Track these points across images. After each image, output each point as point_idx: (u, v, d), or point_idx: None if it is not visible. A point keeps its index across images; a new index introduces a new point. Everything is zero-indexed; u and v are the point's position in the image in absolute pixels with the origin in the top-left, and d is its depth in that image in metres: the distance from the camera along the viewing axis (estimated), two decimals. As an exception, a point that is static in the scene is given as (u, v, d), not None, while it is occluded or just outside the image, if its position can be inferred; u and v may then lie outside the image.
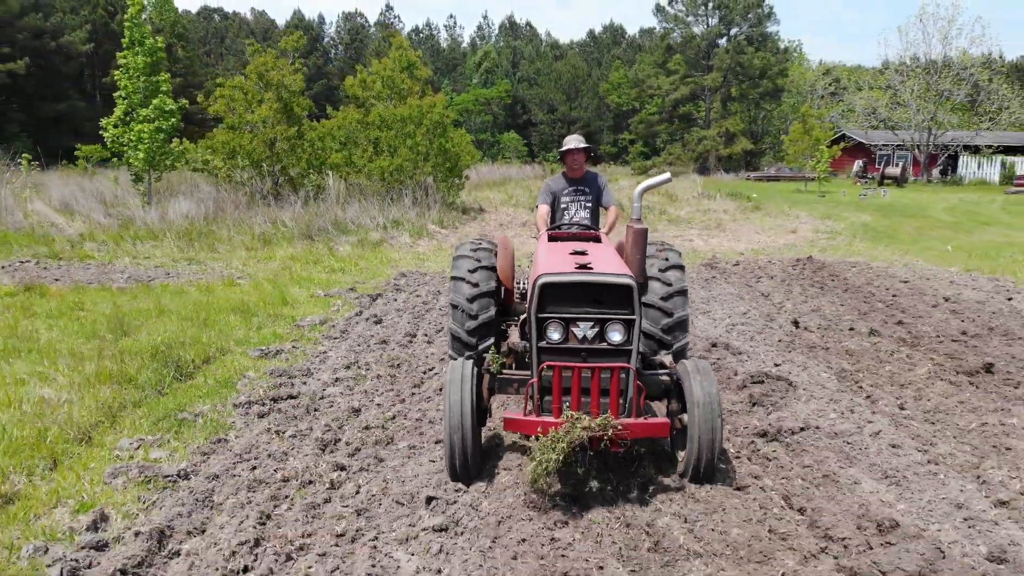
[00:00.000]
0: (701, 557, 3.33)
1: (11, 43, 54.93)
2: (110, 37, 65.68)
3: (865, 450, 4.51)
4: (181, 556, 3.38)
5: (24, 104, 56.14)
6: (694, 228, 18.23)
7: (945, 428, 4.93)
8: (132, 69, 18.76)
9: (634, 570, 3.22)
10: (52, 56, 57.72)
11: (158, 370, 5.74)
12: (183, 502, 3.81)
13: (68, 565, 3.22)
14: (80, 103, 59.94)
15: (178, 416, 4.97)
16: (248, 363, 6.25)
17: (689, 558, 3.32)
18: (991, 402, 5.43)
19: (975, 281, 10.66)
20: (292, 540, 3.47)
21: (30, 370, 5.83)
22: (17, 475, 4.06)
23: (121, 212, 17.05)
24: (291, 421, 4.98)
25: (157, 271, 11.29)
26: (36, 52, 55.84)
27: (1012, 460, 4.41)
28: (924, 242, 15.43)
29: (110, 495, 3.88)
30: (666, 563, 3.29)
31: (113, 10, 68.51)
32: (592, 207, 5.69)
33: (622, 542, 3.42)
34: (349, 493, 3.96)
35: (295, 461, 4.32)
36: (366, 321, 7.97)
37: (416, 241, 15.15)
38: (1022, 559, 3.33)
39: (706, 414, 3.85)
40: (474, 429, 3.98)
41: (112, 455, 4.37)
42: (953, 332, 7.49)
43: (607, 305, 3.99)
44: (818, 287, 10.04)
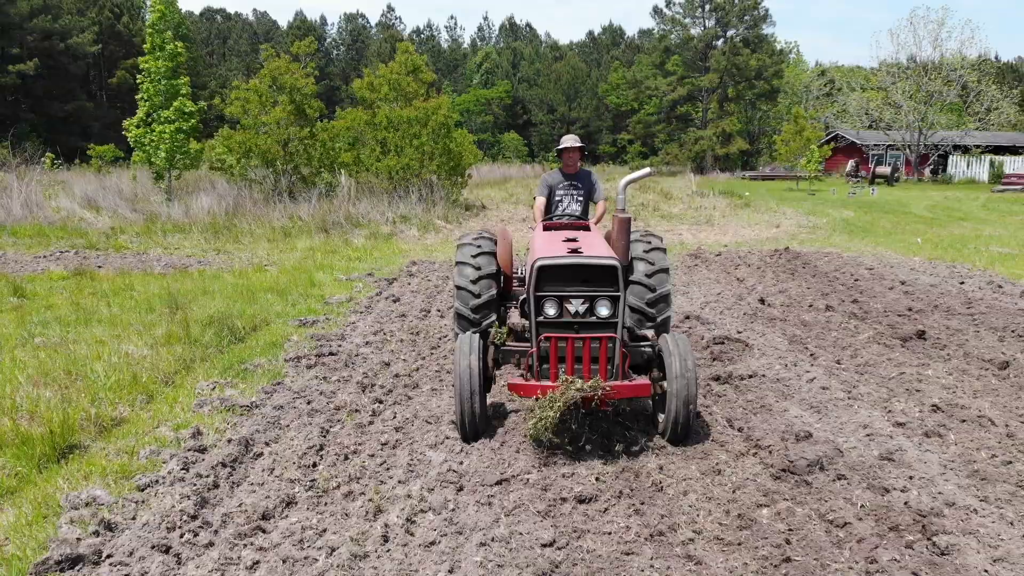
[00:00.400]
0: (658, 456, 4.40)
1: (21, 44, 55.95)
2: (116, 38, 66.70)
3: (799, 390, 5.59)
4: (264, 456, 4.45)
5: (33, 104, 57.12)
6: (684, 223, 19.30)
7: (870, 377, 6.01)
8: (153, 73, 19.80)
9: (622, 489, 4.30)
10: (60, 57, 58.65)
11: (216, 334, 6.82)
12: (258, 423, 4.88)
13: (180, 461, 4.29)
14: (88, 103, 61.01)
15: (240, 367, 6.06)
16: (290, 330, 7.34)
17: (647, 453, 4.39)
18: (915, 359, 6.51)
19: (934, 268, 11.74)
20: (347, 446, 4.55)
21: (107, 334, 6.91)
22: (123, 405, 5.14)
23: (145, 208, 18.12)
24: (333, 371, 6.06)
25: (189, 260, 12.37)
26: (45, 53, 56.78)
27: (918, 398, 5.49)
28: (898, 235, 16.50)
29: (200, 418, 4.96)
30: (629, 456, 4.36)
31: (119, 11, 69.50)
32: (584, 201, 6.32)
33: (602, 467, 4.34)
34: (388, 417, 5.04)
35: (342, 396, 5.40)
36: (386, 300, 9.06)
37: (424, 235, 16.23)
38: (904, 459, 4.40)
39: (683, 383, 4.34)
40: (481, 394, 4.47)
41: (194, 393, 5.45)
42: (900, 308, 8.57)
43: (595, 284, 4.58)
44: (789, 273, 11.13)
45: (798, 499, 3.85)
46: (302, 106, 21.05)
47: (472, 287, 5.54)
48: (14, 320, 7.53)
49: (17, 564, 3.25)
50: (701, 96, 61.59)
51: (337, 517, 3.69)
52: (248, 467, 4.29)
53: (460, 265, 5.69)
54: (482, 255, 5.69)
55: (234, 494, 3.94)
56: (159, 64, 19.72)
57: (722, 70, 58.62)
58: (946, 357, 6.61)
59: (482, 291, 5.55)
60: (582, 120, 75.45)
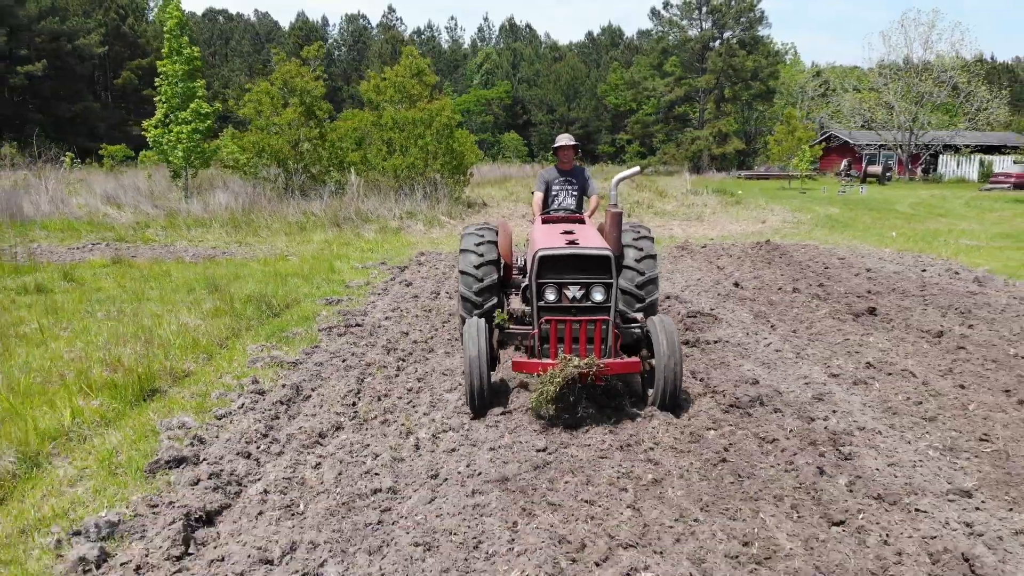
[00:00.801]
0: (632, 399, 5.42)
1: (29, 46, 56.92)
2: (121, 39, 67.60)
3: (755, 352, 6.61)
4: (312, 397, 5.47)
5: (41, 105, 58.07)
6: (676, 219, 20.31)
7: (818, 343, 7.03)
8: (171, 76, 20.80)
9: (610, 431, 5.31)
10: (68, 58, 59.55)
11: (256, 309, 7.84)
12: (303, 375, 5.90)
13: (245, 400, 5.30)
14: (95, 104, 61.97)
15: (281, 334, 7.08)
16: (319, 307, 8.36)
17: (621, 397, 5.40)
18: (861, 330, 7.52)
19: (901, 258, 12.75)
20: (379, 391, 5.57)
21: (160, 309, 7.92)
22: (189, 361, 6.15)
23: (165, 204, 19.13)
24: (361, 338, 7.08)
25: (214, 250, 13.38)
26: (53, 54, 57.67)
27: (856, 358, 6.50)
28: (876, 230, 17.52)
29: (255, 371, 5.98)
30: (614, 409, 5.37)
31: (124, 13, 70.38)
32: (578, 195, 6.73)
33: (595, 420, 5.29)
34: (411, 371, 6.06)
35: (370, 356, 6.42)
36: (399, 284, 10.07)
37: (429, 229, 17.24)
38: (832, 400, 5.41)
39: (669, 360, 4.79)
40: (488, 371, 4.89)
41: (246, 353, 6.47)
42: (860, 291, 9.58)
43: (590, 272, 5.05)
44: (766, 263, 12.14)
45: (740, 425, 4.87)
46: (312, 108, 22.06)
47: (476, 272, 6.01)
48: (74, 299, 8.54)
49: (133, 465, 4.26)
50: (698, 97, 62.62)
51: (377, 436, 4.71)
52: (301, 405, 5.30)
53: (464, 253, 6.15)
54: (485, 244, 6.17)
55: (293, 422, 4.96)
56: (176, 67, 20.72)
57: (718, 71, 59.63)
58: (889, 328, 7.63)
59: (484, 276, 6.01)
60: (581, 120, 76.39)
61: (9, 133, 51.57)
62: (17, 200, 17.32)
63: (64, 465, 4.24)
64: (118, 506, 3.72)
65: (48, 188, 18.39)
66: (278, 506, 3.76)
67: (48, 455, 4.35)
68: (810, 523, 3.61)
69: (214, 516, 3.68)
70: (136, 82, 67.48)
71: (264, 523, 3.59)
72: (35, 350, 6.33)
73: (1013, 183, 38.61)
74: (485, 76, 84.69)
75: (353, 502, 3.79)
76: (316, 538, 3.43)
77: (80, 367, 5.72)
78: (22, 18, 57.19)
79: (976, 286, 10.08)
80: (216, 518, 3.68)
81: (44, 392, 5.22)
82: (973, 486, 4.05)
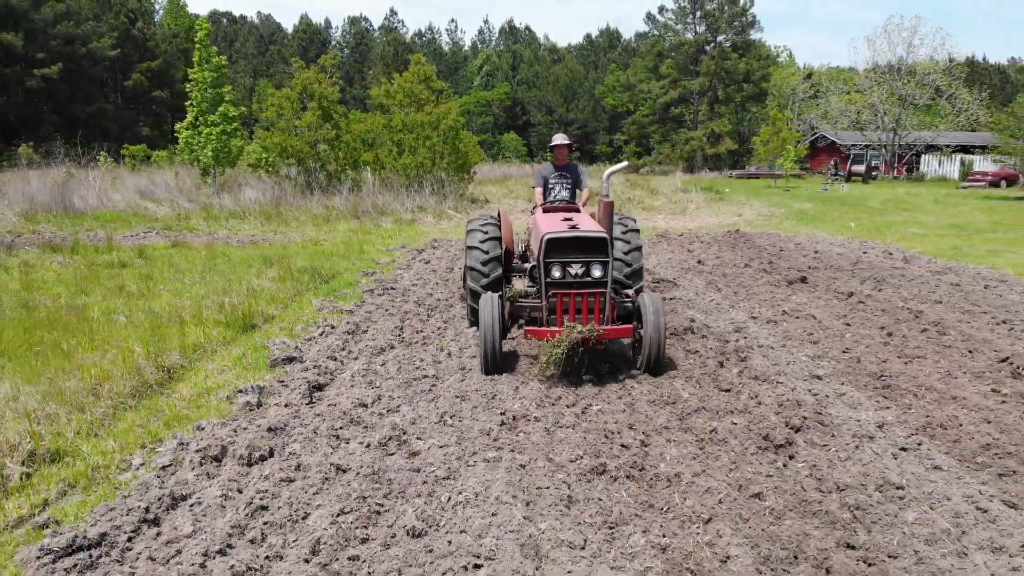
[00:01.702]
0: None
1: (45, 49, 58.84)
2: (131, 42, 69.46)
3: (699, 305, 8.63)
4: (369, 331, 7.47)
5: (56, 106, 59.96)
6: (662, 214, 22.32)
7: (751, 300, 9.04)
8: (200, 82, 22.80)
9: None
10: (82, 61, 61.42)
11: (311, 276, 9.86)
12: (359, 318, 7.91)
13: (324, 330, 7.30)
14: (109, 105, 63.96)
15: (335, 294, 9.10)
16: (358, 277, 10.37)
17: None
18: (789, 292, 9.53)
19: (850, 243, 14.74)
20: (417, 328, 7.58)
21: (233, 277, 9.89)
22: (272, 309, 8.15)
23: (198, 199, 21.13)
24: (396, 297, 9.09)
25: (254, 237, 15.38)
26: (67, 57, 59.51)
27: (775, 308, 8.50)
28: (841, 222, 19.52)
29: (324, 315, 7.99)
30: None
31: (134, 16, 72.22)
32: (572, 188, 7.59)
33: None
34: (437, 317, 8.08)
35: (406, 307, 8.44)
36: (419, 262, 12.09)
37: (438, 221, 19.24)
38: (747, 332, 7.40)
39: (655, 331, 5.68)
40: (500, 338, 5.75)
41: (312, 304, 8.48)
42: (802, 267, 11.58)
43: (590, 253, 5.81)
44: (731, 247, 14.15)
45: (673, 345, 6.87)
46: (329, 111, 24.06)
47: (483, 268, 6.78)
48: (157, 270, 10.54)
49: (258, 363, 6.24)
50: (692, 98, 64.66)
51: (420, 351, 6.72)
52: (361, 335, 7.32)
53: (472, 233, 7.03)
54: (489, 240, 6.95)
55: (360, 342, 6.98)
56: (205, 75, 22.73)
57: (712, 74, 61.71)
58: (812, 291, 9.64)
59: (490, 272, 6.79)
60: (580, 121, 78.26)
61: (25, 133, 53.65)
62: (69, 195, 19.31)
63: (209, 364, 6.25)
64: (259, 381, 5.73)
65: (95, 184, 20.38)
66: (362, 383, 5.77)
67: (195, 359, 6.35)
68: (706, 389, 5.62)
69: (323, 386, 5.70)
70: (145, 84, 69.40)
71: (356, 389, 5.59)
72: (148, 302, 8.32)
73: (989, 181, 40.59)
74: (485, 78, 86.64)
75: (410, 383, 5.80)
76: (392, 395, 5.45)
77: (193, 311, 7.72)
78: (38, 22, 59.04)
79: (903, 263, 12.09)
80: (324, 387, 5.69)
81: (171, 326, 7.22)
82: (824, 374, 6.06)
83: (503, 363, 5.95)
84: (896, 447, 4.52)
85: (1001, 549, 3.40)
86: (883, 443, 4.57)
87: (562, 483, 3.95)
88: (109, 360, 5.77)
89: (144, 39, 70.54)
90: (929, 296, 9.22)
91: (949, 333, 7.31)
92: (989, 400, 5.39)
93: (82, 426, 4.64)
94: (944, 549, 3.39)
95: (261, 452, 4.30)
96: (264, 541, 3.40)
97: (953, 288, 9.75)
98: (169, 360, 5.87)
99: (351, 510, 3.65)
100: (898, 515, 3.68)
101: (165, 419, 4.88)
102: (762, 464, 4.27)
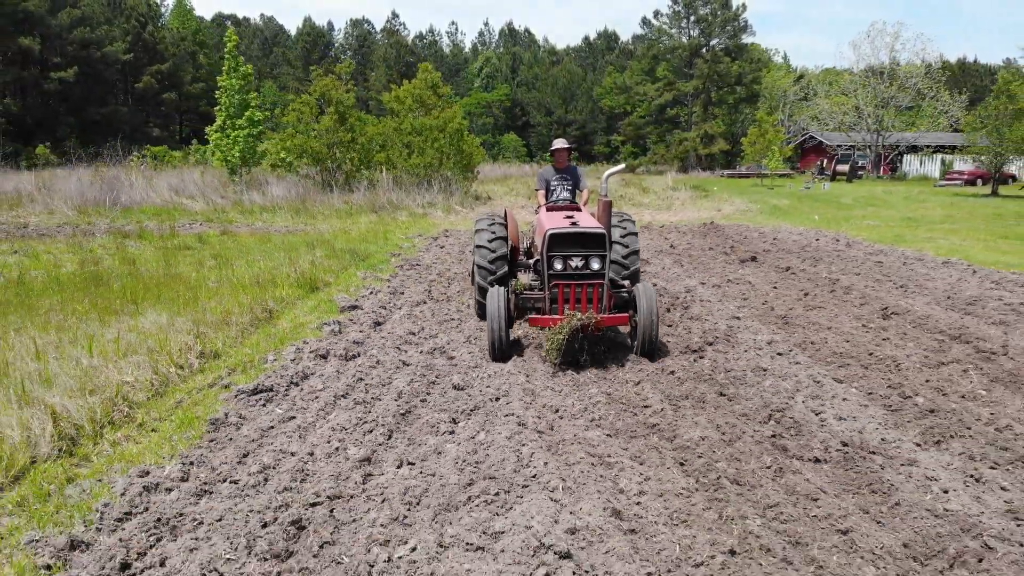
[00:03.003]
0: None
1: (62, 54, 60.97)
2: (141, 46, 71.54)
3: (662, 276, 10.87)
4: (405, 292, 9.71)
5: (72, 108, 62.04)
6: (649, 209, 24.55)
7: (705, 272, 11.27)
8: (228, 89, 25.02)
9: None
10: (96, 65, 63.52)
11: (351, 255, 12.07)
12: (396, 284, 10.15)
13: (371, 291, 9.53)
14: (123, 107, 66.14)
15: (373, 268, 11.33)
16: (387, 257, 12.61)
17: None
18: (739, 267, 11.75)
19: (808, 232, 16.95)
20: (442, 291, 9.82)
21: (314, 256, 12.10)
22: (327, 277, 10.37)
23: (228, 195, 23.35)
24: (421, 271, 11.33)
25: (287, 227, 17.60)
26: (83, 61, 61.60)
27: (723, 278, 10.71)
28: (808, 216, 21.74)
29: (369, 282, 10.22)
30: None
31: (144, 21, 74.23)
32: (572, 189, 8.06)
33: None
34: (455, 285, 10.31)
35: (431, 277, 10.67)
36: (435, 247, 14.33)
37: (447, 215, 21.47)
38: (695, 292, 9.61)
39: (648, 317, 6.17)
40: (506, 327, 6.24)
41: (358, 275, 10.70)
42: (757, 250, 13.78)
43: (589, 247, 6.29)
44: (703, 235, 16.38)
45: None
46: (345, 115, 26.26)
47: (490, 266, 7.36)
48: (221, 250, 12.75)
49: (330, 309, 8.45)
50: (686, 100, 66.93)
51: (445, 305, 8.95)
52: (399, 295, 9.55)
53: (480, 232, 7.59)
54: (496, 239, 7.51)
55: (400, 299, 9.21)
56: (233, 82, 24.96)
57: (705, 77, 63.99)
58: (759, 267, 11.87)
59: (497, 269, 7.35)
60: (578, 122, 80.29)
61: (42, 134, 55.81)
62: (116, 191, 21.53)
63: (294, 311, 8.47)
64: (336, 318, 7.95)
65: (138, 182, 22.62)
66: (408, 322, 7.99)
67: (284, 307, 8.56)
68: (655, 325, 7.84)
69: (381, 323, 7.94)
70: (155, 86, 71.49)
71: (404, 325, 7.82)
72: (228, 272, 10.53)
73: (965, 180, 42.85)
74: (485, 80, 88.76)
75: (442, 323, 8.02)
76: (430, 329, 7.68)
77: (268, 277, 9.94)
78: (55, 27, 61.10)
79: (844, 247, 14.30)
80: (382, 324, 7.92)
81: (257, 287, 9.43)
82: (742, 316, 8.28)
83: (509, 351, 6.45)
84: (774, 353, 6.75)
85: (816, 398, 5.61)
86: (767, 351, 6.80)
87: (551, 366, 6.18)
88: (224, 306, 7.99)
89: (154, 42, 72.48)
90: (851, 270, 11.46)
91: (852, 293, 9.54)
92: (856, 331, 7.62)
93: (225, 340, 6.86)
94: (781, 396, 5.61)
95: (352, 353, 6.55)
96: (367, 392, 5.62)
97: (875, 265, 11.99)
98: (268, 305, 8.09)
99: (417, 380, 5.87)
100: (759, 383, 5.91)
101: (279, 337, 7.13)
102: (681, 361, 6.49)
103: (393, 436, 4.74)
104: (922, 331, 7.52)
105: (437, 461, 4.29)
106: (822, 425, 4.97)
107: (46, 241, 14.59)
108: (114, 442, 4.51)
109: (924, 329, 7.59)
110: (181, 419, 4.91)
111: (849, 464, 4.30)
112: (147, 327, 6.87)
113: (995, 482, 4.09)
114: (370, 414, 5.09)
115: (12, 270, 10.48)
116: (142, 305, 7.88)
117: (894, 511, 3.77)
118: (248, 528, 3.46)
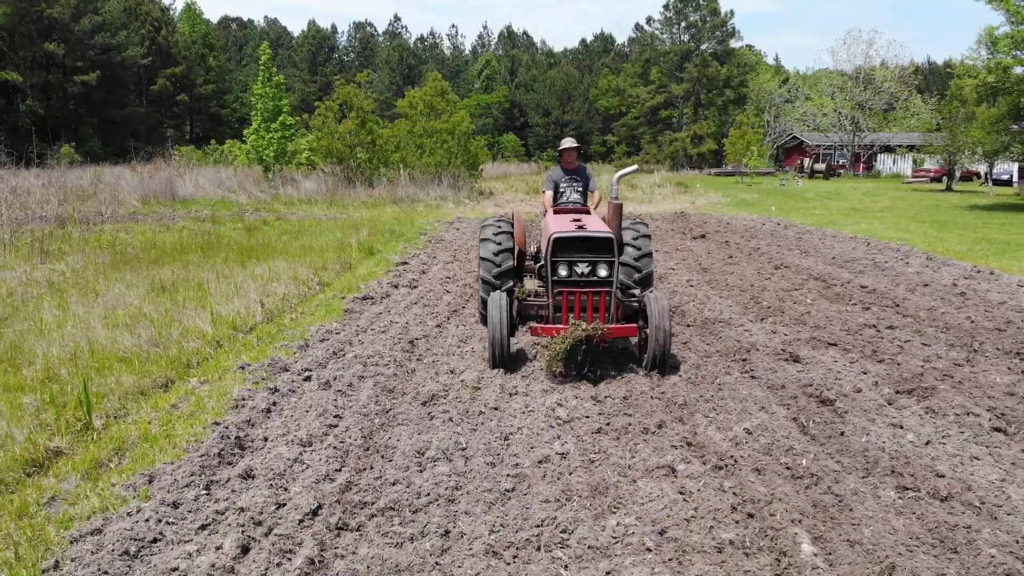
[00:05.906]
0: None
1: (84, 58, 64.19)
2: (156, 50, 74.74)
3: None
4: (436, 257, 13.19)
5: (93, 110, 65.24)
6: (632, 203, 27.97)
7: (662, 245, 14.74)
8: (263, 96, 28.47)
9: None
10: (116, 68, 66.73)
11: (390, 233, 15.55)
12: (428, 252, 13.66)
13: (414, 253, 13.00)
14: (140, 109, 69.48)
15: (408, 243, 14.81)
16: (415, 236, 16.09)
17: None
18: (689, 243, 15.21)
19: (760, 219, 20.41)
20: (464, 256, 13.28)
21: (337, 235, 15.55)
22: (377, 247, 13.84)
23: (267, 190, 26.81)
24: (446, 245, 14.81)
25: (326, 215, 21.04)
26: (104, 65, 64.80)
27: (671, 248, 14.17)
28: (768, 207, 25.19)
29: (408, 250, 13.70)
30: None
31: (158, 25, 77.42)
32: (582, 191, 7.62)
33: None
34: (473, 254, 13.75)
35: (454, 247, 14.15)
36: (452, 230, 17.81)
37: (457, 207, 24.95)
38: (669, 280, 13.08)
39: (661, 329, 5.75)
40: (508, 335, 6.04)
41: (399, 246, 14.18)
42: (711, 231, 17.23)
43: (596, 252, 6.01)
44: (671, 221, 19.85)
45: (608, 260, 12.58)
46: (365, 119, 29.71)
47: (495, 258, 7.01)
48: (286, 230, 16.17)
49: (388, 264, 11.92)
50: (677, 103, 70.44)
51: (467, 265, 12.41)
52: (434, 258, 13.02)
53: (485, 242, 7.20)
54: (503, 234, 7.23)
55: (435, 259, 12.69)
56: (267, 90, 28.41)
57: (695, 80, 67.49)
58: (706, 242, 15.33)
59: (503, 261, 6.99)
60: (575, 123, 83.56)
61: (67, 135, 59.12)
62: (172, 186, 24.97)
63: (362, 266, 11.93)
64: (393, 269, 11.40)
65: (192, 176, 26.09)
66: (444, 273, 11.46)
67: (355, 264, 12.01)
68: (616, 273, 11.32)
69: (426, 271, 11.43)
70: (170, 88, 74.79)
71: (443, 273, 11.27)
72: (301, 241, 13.94)
73: (931, 177, 46.40)
74: (485, 81, 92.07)
75: (468, 272, 11.46)
76: (459, 275, 11.15)
77: (336, 246, 13.36)
78: (77, 33, 64.31)
79: (782, 229, 17.77)
80: (427, 271, 11.43)
81: (330, 252, 12.83)
82: (676, 268, 11.75)
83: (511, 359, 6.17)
84: (693, 288, 10.22)
85: (703, 303, 9.05)
86: (688, 288, 10.27)
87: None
88: (318, 261, 11.45)
89: (168, 46, 75.63)
90: (774, 242, 14.94)
91: (764, 256, 13.02)
92: (751, 276, 11.10)
93: (328, 277, 10.33)
94: (682, 301, 9.05)
95: (413, 284, 10.09)
96: (428, 303, 9.07)
97: (796, 239, 15.47)
98: (348, 260, 11.58)
99: (457, 298, 9.34)
100: (673, 297, 9.36)
101: (361, 277, 10.63)
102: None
103: (450, 319, 8.22)
104: (797, 274, 11.02)
105: (475, 328, 7.78)
106: (700, 311, 8.47)
107: (132, 226, 18.01)
108: (292, 319, 7.99)
109: (799, 274, 11.10)
110: (327, 309, 8.40)
111: (707, 327, 7.79)
112: (278, 268, 10.34)
113: (782, 331, 7.57)
114: (432, 312, 8.57)
115: (135, 240, 13.92)
116: (262, 258, 11.35)
117: (719, 338, 7.26)
118: (389, 341, 6.96)
